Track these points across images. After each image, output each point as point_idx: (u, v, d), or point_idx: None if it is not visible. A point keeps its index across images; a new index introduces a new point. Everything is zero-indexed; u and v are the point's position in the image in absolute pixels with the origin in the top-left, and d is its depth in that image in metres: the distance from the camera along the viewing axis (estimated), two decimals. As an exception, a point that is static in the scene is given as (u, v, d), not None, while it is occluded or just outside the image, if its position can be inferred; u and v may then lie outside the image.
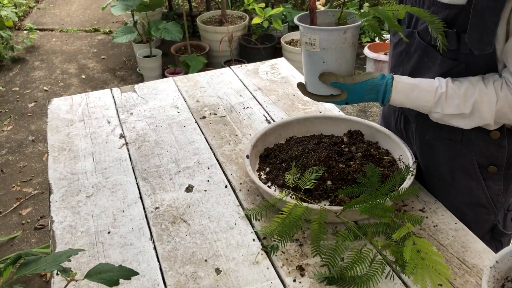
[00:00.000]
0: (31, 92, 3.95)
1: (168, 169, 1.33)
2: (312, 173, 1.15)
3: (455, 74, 1.04)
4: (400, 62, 1.18)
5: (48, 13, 5.65)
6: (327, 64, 1.07)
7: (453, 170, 1.15)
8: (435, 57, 1.06)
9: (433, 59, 1.06)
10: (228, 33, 3.76)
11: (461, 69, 1.03)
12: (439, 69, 1.06)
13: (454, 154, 1.13)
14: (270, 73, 1.84)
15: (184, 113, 1.60)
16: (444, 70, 1.05)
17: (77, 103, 1.68)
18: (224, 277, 1.00)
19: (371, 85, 1.06)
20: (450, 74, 1.05)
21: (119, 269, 0.79)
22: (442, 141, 1.14)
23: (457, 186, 1.16)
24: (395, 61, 1.20)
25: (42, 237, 2.54)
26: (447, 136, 1.13)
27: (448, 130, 1.10)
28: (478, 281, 0.97)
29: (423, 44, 1.07)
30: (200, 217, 1.16)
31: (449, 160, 1.15)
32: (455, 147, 1.13)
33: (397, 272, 0.99)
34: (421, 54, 1.09)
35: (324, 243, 1.01)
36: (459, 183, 1.16)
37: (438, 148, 1.16)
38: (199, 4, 5.36)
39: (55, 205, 1.22)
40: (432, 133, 1.16)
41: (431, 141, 1.17)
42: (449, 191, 1.18)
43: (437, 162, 1.18)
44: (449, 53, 1.03)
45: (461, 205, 1.17)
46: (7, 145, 3.28)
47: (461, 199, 1.17)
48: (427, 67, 1.09)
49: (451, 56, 1.03)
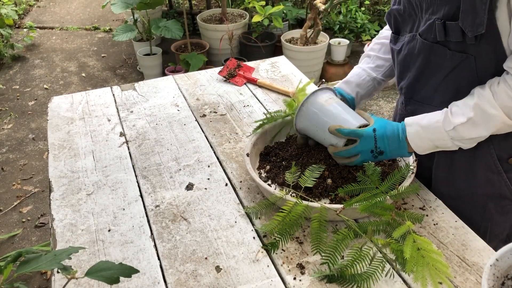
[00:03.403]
0: (31, 90, 3.95)
1: (169, 167, 1.33)
2: (312, 171, 1.15)
3: (466, 68, 1.04)
4: (406, 67, 1.17)
5: (48, 11, 5.64)
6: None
7: (473, 164, 1.14)
8: (443, 53, 1.05)
9: (441, 55, 1.06)
10: (228, 31, 3.76)
11: (471, 62, 1.02)
12: (449, 65, 1.05)
13: (473, 148, 1.11)
14: (270, 71, 1.84)
15: (184, 111, 1.60)
16: (454, 65, 1.05)
17: (77, 101, 1.68)
18: (224, 275, 1.00)
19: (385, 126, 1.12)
20: (460, 68, 1.04)
21: (119, 267, 0.79)
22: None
23: (478, 179, 1.15)
24: (401, 67, 1.19)
25: (43, 235, 2.54)
26: None
27: None
28: (478, 279, 0.97)
29: (427, 44, 1.07)
30: (201, 215, 1.16)
31: (468, 155, 1.13)
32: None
33: (397, 270, 0.99)
34: (426, 55, 1.09)
35: (324, 241, 1.01)
36: (480, 176, 1.15)
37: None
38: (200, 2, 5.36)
39: (56, 203, 1.22)
40: None
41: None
42: (470, 185, 1.17)
43: (456, 158, 1.16)
44: (456, 45, 1.02)
45: (484, 198, 1.16)
46: (7, 143, 3.28)
47: (483, 193, 1.16)
48: (436, 65, 1.08)
49: (458, 49, 1.03)
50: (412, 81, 1.17)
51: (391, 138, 1.11)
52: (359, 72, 1.34)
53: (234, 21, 4.13)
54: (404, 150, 1.11)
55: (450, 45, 1.03)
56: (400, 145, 1.11)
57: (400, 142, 1.10)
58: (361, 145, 1.12)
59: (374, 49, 1.36)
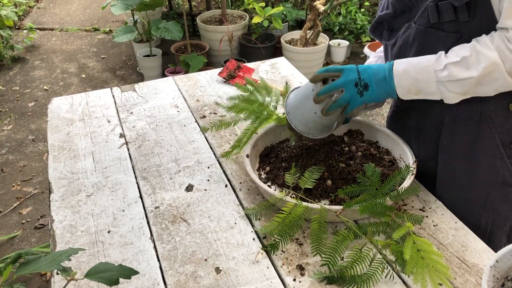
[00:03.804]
0: (31, 91, 3.95)
1: (168, 169, 1.33)
2: (312, 172, 1.15)
3: None
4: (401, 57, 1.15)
5: (48, 12, 5.64)
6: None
7: (475, 151, 1.13)
8: (438, 36, 1.06)
9: (436, 39, 1.06)
10: (228, 32, 3.76)
11: (466, 40, 1.02)
12: (443, 47, 1.05)
13: (474, 134, 1.11)
14: (270, 72, 1.84)
15: (184, 113, 1.60)
16: (448, 46, 1.05)
17: (77, 103, 1.68)
18: (224, 276, 1.00)
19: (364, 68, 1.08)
20: None
21: (119, 268, 0.79)
22: (460, 123, 1.13)
23: (481, 166, 1.14)
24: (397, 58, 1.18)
25: (42, 236, 2.54)
26: (464, 116, 1.11)
27: (465, 109, 1.09)
28: (478, 280, 0.97)
29: (421, 29, 1.08)
30: (200, 217, 1.16)
31: (469, 141, 1.13)
32: (474, 126, 1.11)
33: (397, 271, 0.99)
34: (421, 41, 1.09)
35: (324, 242, 1.01)
36: (483, 163, 1.13)
37: (457, 131, 1.14)
38: (199, 4, 5.36)
39: (55, 205, 1.22)
40: (449, 116, 1.14)
41: (450, 125, 1.14)
42: (473, 173, 1.15)
43: (458, 146, 1.15)
44: (450, 26, 1.03)
45: (487, 186, 1.15)
46: (7, 145, 3.28)
47: (486, 180, 1.14)
48: (431, 49, 1.07)
49: (452, 29, 1.03)
50: None
51: (375, 69, 1.08)
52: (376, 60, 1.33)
53: (234, 22, 4.13)
54: (390, 86, 1.07)
55: (443, 27, 1.04)
56: (386, 78, 1.07)
57: (387, 80, 1.07)
58: (344, 76, 1.08)
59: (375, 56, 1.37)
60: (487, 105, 1.07)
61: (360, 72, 1.08)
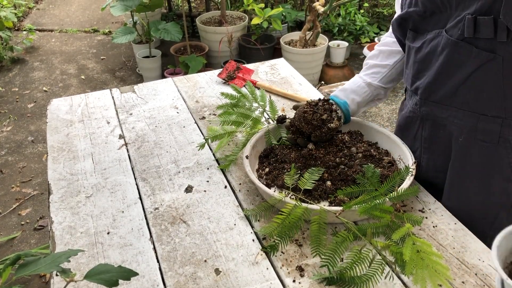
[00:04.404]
0: (30, 92, 3.95)
1: (168, 170, 1.33)
2: (312, 173, 1.15)
3: (491, 69, 0.99)
4: (425, 66, 1.12)
5: (48, 13, 5.65)
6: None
7: (488, 173, 1.11)
8: (469, 51, 1.00)
9: (466, 53, 1.01)
10: (227, 33, 3.76)
11: (498, 62, 0.97)
12: (473, 64, 1.00)
13: (490, 156, 1.08)
14: (269, 73, 1.84)
15: (184, 114, 1.60)
16: (478, 64, 1.00)
17: (77, 104, 1.68)
18: (224, 277, 1.00)
19: None
20: (485, 69, 0.99)
21: (118, 270, 0.79)
22: (477, 144, 1.09)
23: (493, 189, 1.12)
24: (419, 66, 1.14)
25: (42, 237, 2.54)
26: (482, 137, 1.08)
27: (484, 131, 1.07)
28: (478, 281, 0.97)
29: (452, 40, 1.02)
30: (200, 218, 1.16)
31: (484, 163, 1.10)
32: (491, 149, 1.08)
33: (396, 272, 0.99)
34: (450, 52, 1.04)
35: (324, 243, 1.01)
36: (495, 186, 1.11)
37: (473, 151, 1.11)
38: (199, 5, 5.37)
39: (55, 206, 1.22)
40: (466, 135, 1.10)
41: (465, 143, 1.11)
42: (484, 194, 1.13)
43: (470, 165, 1.13)
44: (485, 43, 0.97)
45: (497, 208, 1.13)
46: (6, 146, 3.28)
47: (497, 202, 1.13)
48: (459, 63, 1.03)
49: (487, 47, 0.98)
50: (431, 80, 1.11)
51: None
52: (355, 79, 1.35)
53: (233, 24, 4.14)
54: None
55: (477, 43, 0.98)
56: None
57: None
58: None
59: (372, 56, 1.37)
60: (507, 129, 1.04)
61: None
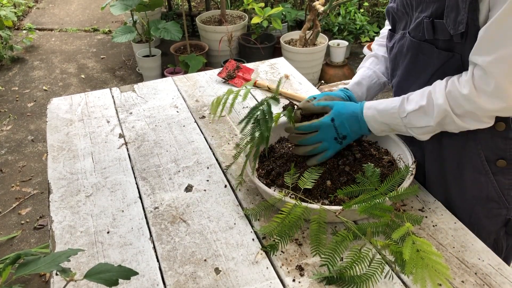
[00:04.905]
0: (30, 91, 3.95)
1: (168, 169, 1.33)
2: (312, 173, 1.15)
3: (452, 67, 1.05)
4: (396, 64, 1.19)
5: (48, 12, 5.64)
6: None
7: (461, 165, 1.14)
8: (431, 51, 1.06)
9: (429, 53, 1.07)
10: (227, 32, 3.76)
11: (457, 60, 1.03)
12: (436, 63, 1.07)
13: (461, 148, 1.12)
14: (269, 72, 1.84)
15: (184, 113, 1.60)
16: (441, 63, 1.06)
17: (77, 103, 1.68)
18: (224, 276, 1.00)
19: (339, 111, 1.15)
20: (447, 66, 1.05)
21: (118, 269, 0.79)
22: (448, 136, 1.13)
23: (466, 181, 1.15)
24: (393, 64, 1.21)
25: (42, 237, 2.54)
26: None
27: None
28: (478, 281, 0.97)
29: (415, 42, 1.09)
30: (200, 217, 1.16)
31: (456, 155, 1.14)
32: (460, 141, 1.12)
33: (396, 271, 0.99)
34: (415, 52, 1.10)
35: (324, 242, 1.01)
36: (467, 178, 1.14)
37: (445, 144, 1.15)
38: (199, 4, 5.36)
39: (55, 205, 1.22)
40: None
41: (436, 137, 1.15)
42: (458, 187, 1.17)
43: (444, 158, 1.17)
44: (444, 44, 1.04)
45: (472, 200, 1.16)
46: (6, 145, 3.28)
47: (471, 195, 1.15)
48: (424, 63, 1.10)
49: (445, 47, 1.04)
50: (400, 79, 1.18)
51: (351, 121, 1.14)
52: (370, 74, 1.33)
53: (233, 23, 4.13)
54: (365, 130, 1.15)
55: (437, 44, 1.04)
56: (361, 126, 1.14)
57: (360, 124, 1.14)
58: (322, 134, 1.15)
59: (380, 49, 1.36)
60: None
61: (337, 128, 1.15)
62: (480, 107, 0.97)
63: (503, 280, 0.97)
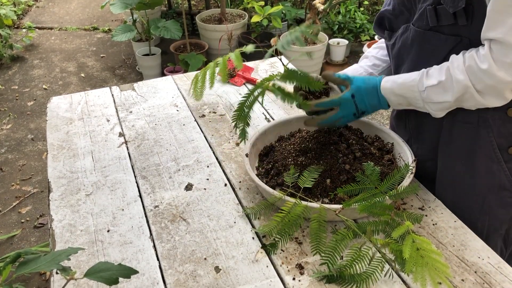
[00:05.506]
0: (30, 90, 3.95)
1: (168, 168, 1.33)
2: (311, 171, 1.15)
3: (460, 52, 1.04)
4: (401, 59, 1.18)
5: (47, 11, 5.64)
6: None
7: (473, 153, 1.13)
8: (438, 39, 1.06)
9: (435, 41, 1.07)
10: (227, 31, 3.76)
11: (465, 45, 1.03)
12: (444, 50, 1.06)
13: (472, 137, 1.12)
14: (269, 71, 1.84)
15: (184, 112, 1.60)
16: (448, 49, 1.05)
17: (77, 102, 1.68)
18: (224, 275, 1.00)
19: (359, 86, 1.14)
20: (455, 52, 1.04)
21: (118, 268, 0.79)
22: (458, 125, 1.13)
23: (477, 170, 1.14)
24: (397, 60, 1.21)
25: (42, 235, 2.54)
26: (462, 119, 1.11)
27: (464, 113, 1.10)
28: (478, 279, 0.97)
29: (420, 31, 1.08)
30: (200, 216, 1.16)
31: (467, 144, 1.13)
32: (472, 129, 1.11)
33: (396, 270, 0.99)
34: (420, 43, 1.10)
35: (324, 241, 1.01)
36: (479, 166, 1.13)
37: (456, 133, 1.15)
38: (199, 3, 5.36)
39: (55, 204, 1.22)
40: (448, 119, 1.14)
41: (448, 127, 1.15)
42: (470, 177, 1.16)
43: (456, 149, 1.16)
44: (450, 29, 1.03)
45: (484, 189, 1.15)
46: (6, 144, 3.28)
47: (483, 184, 1.15)
48: (430, 52, 1.09)
49: (452, 32, 1.04)
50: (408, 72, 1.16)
51: (370, 96, 1.14)
52: (356, 67, 1.35)
53: (233, 21, 4.13)
54: (384, 104, 1.15)
55: (443, 30, 1.04)
56: (380, 101, 1.15)
57: (379, 99, 1.14)
58: (342, 110, 1.16)
59: (371, 51, 1.39)
60: (485, 109, 1.07)
61: (357, 104, 1.15)
62: (501, 80, 0.96)
63: (503, 279, 0.97)
